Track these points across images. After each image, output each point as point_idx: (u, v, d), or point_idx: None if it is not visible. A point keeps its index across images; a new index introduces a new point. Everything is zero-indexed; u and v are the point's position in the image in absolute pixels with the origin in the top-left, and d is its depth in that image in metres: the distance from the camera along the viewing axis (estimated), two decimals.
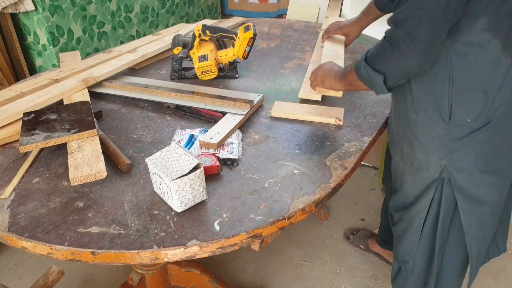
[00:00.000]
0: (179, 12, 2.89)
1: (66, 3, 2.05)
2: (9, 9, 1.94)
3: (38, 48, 2.12)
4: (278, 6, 3.18)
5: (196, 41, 1.39)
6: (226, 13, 3.37)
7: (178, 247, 0.75)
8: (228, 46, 1.46)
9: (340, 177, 0.95)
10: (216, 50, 1.43)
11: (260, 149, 1.05)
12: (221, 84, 1.41)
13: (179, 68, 1.46)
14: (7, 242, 0.80)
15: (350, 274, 1.70)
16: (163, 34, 1.79)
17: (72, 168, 0.89)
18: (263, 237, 0.82)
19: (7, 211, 0.84)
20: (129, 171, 0.96)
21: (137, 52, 1.56)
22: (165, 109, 1.24)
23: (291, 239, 1.86)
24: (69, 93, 1.25)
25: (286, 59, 1.64)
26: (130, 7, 2.45)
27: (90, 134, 1.01)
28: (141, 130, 1.14)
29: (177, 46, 1.42)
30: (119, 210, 0.84)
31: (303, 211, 0.85)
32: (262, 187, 0.91)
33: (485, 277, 1.69)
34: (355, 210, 2.04)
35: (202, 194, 0.85)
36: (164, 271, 1.30)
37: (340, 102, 1.28)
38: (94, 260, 0.75)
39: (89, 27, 2.22)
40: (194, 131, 1.08)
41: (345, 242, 1.85)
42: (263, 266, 1.73)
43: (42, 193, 0.89)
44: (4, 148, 1.06)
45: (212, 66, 1.38)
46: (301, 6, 2.34)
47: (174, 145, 0.89)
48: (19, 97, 1.23)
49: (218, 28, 1.40)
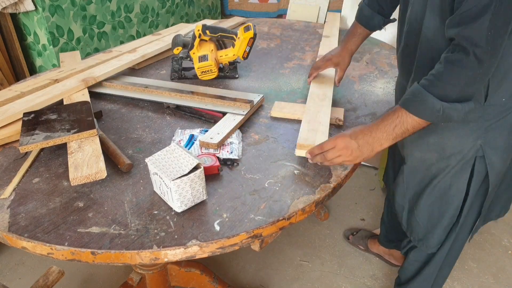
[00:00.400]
0: (179, 12, 2.89)
1: (66, 3, 2.05)
2: (9, 9, 1.94)
3: (38, 48, 2.12)
4: (278, 6, 3.18)
5: (196, 41, 1.39)
6: (226, 13, 3.37)
7: (178, 247, 0.75)
8: (228, 46, 1.46)
9: (340, 177, 0.95)
10: (216, 50, 1.43)
11: (260, 149, 1.05)
12: (221, 84, 1.41)
13: (179, 68, 1.45)
14: (7, 242, 0.80)
15: (350, 274, 1.70)
16: (163, 34, 1.79)
17: (72, 168, 0.89)
18: (263, 237, 0.82)
19: (7, 211, 0.84)
20: (129, 171, 0.96)
21: (137, 52, 1.56)
22: (165, 109, 1.24)
23: (291, 239, 1.86)
24: (69, 93, 1.25)
25: (286, 59, 1.64)
26: (130, 7, 2.45)
27: (90, 134, 1.01)
28: (141, 130, 1.14)
29: (177, 46, 1.42)
30: (119, 210, 0.84)
31: (303, 211, 0.85)
32: (262, 187, 0.91)
33: (485, 277, 1.69)
34: (355, 210, 2.04)
35: (202, 194, 0.85)
36: (164, 271, 1.30)
37: (340, 102, 1.28)
38: (94, 260, 0.75)
39: (89, 27, 2.22)
40: (194, 131, 1.08)
41: (345, 242, 1.86)
42: (263, 266, 1.73)
43: (42, 193, 0.89)
44: (4, 148, 1.06)
45: (212, 66, 1.38)
46: (301, 6, 2.34)
47: (174, 145, 0.89)
48: (19, 97, 1.23)
49: (218, 28, 1.40)
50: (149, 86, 1.32)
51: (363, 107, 1.26)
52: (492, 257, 1.78)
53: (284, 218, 0.82)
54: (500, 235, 1.89)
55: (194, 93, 1.27)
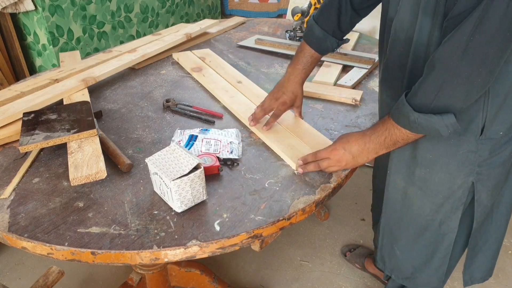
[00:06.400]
0: (179, 12, 2.89)
1: (66, 3, 2.05)
2: (9, 9, 1.94)
3: (38, 48, 2.12)
4: (278, 6, 3.18)
5: (312, 8, 1.57)
6: (226, 13, 3.37)
7: (178, 247, 0.75)
8: None
9: (340, 177, 0.95)
10: None
11: (260, 149, 1.04)
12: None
13: (295, 35, 1.72)
14: (7, 242, 0.80)
15: (350, 274, 1.70)
16: (163, 34, 1.79)
17: (72, 168, 0.89)
18: (263, 237, 0.82)
19: (7, 211, 0.84)
20: (129, 171, 0.96)
21: (137, 52, 1.56)
22: (165, 109, 1.24)
23: (291, 239, 1.86)
24: (69, 93, 1.25)
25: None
26: (130, 7, 2.45)
27: (90, 134, 1.01)
28: (141, 130, 1.13)
29: (297, 13, 1.69)
30: (119, 210, 0.84)
31: (303, 211, 0.85)
32: (262, 187, 0.91)
33: None
34: (355, 210, 2.04)
35: (202, 194, 0.85)
36: (164, 271, 1.30)
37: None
38: (94, 260, 0.75)
39: (89, 27, 2.22)
40: (194, 131, 1.08)
41: (345, 242, 1.85)
42: (263, 266, 1.73)
43: (42, 193, 0.89)
44: (4, 148, 1.06)
45: None
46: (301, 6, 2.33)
47: (174, 145, 0.89)
48: (19, 97, 1.23)
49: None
50: (292, 44, 1.67)
51: (363, 107, 1.26)
52: None
53: (284, 218, 0.82)
54: None
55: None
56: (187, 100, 1.29)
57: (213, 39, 1.86)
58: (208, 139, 1.04)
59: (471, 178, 0.92)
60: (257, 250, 0.87)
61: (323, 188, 0.91)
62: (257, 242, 0.84)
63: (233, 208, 0.85)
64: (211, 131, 1.07)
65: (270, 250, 1.79)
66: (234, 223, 0.81)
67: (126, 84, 1.41)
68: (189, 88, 1.38)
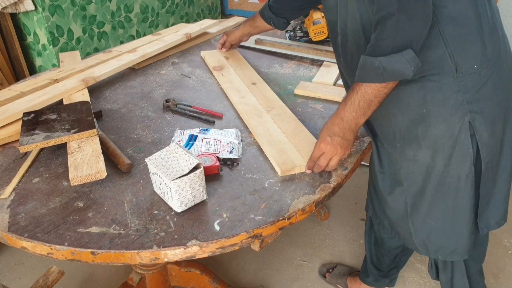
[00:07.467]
0: (179, 12, 2.89)
1: (66, 3, 2.05)
2: (9, 9, 1.94)
3: (38, 48, 2.12)
4: None
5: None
6: (226, 13, 3.37)
7: (178, 247, 0.75)
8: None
9: (340, 177, 0.95)
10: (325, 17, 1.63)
11: (260, 149, 1.04)
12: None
13: (295, 35, 1.76)
14: (7, 242, 0.80)
15: None
16: (163, 34, 1.79)
17: (72, 168, 0.89)
18: (263, 237, 0.82)
19: (7, 211, 0.84)
20: (129, 171, 0.96)
21: (137, 52, 1.56)
22: (165, 109, 1.24)
23: (291, 239, 1.86)
24: (69, 93, 1.25)
25: (287, 58, 1.64)
26: (130, 7, 2.45)
27: (90, 134, 1.01)
28: (141, 130, 1.14)
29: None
30: (119, 210, 0.84)
31: (303, 211, 0.85)
32: (262, 187, 0.91)
33: (486, 277, 1.69)
34: (355, 210, 2.04)
35: (202, 194, 0.85)
36: (164, 271, 1.30)
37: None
38: (94, 260, 0.75)
39: (89, 27, 2.22)
40: (194, 131, 1.08)
41: (345, 242, 1.85)
42: (263, 266, 1.73)
43: (42, 193, 0.89)
44: (4, 148, 1.06)
45: (324, 28, 1.67)
46: None
47: (174, 145, 0.89)
48: (19, 97, 1.23)
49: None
50: (292, 44, 1.71)
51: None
52: (492, 257, 1.78)
53: (284, 218, 0.82)
54: (500, 235, 1.89)
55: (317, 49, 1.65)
56: (187, 100, 1.30)
57: (213, 39, 1.86)
58: (208, 139, 1.04)
59: (466, 119, 0.93)
60: (257, 250, 0.87)
61: (323, 188, 0.91)
62: (257, 242, 0.84)
63: (233, 208, 0.85)
64: (211, 131, 1.07)
65: (270, 250, 1.79)
66: (234, 223, 0.81)
67: (126, 84, 1.41)
68: (189, 88, 1.38)
